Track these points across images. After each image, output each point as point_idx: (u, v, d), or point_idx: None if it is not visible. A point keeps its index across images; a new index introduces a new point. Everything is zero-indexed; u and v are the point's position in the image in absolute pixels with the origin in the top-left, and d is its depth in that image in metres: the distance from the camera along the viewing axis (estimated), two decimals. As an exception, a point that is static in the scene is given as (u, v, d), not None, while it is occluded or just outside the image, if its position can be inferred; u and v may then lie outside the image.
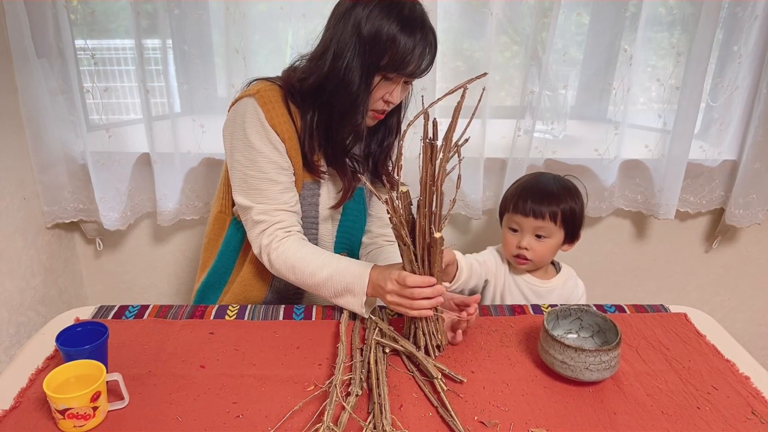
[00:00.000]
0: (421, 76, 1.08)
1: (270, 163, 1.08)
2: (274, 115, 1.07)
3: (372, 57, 1.02)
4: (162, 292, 1.83)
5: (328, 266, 1.07)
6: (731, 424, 0.85)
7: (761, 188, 1.64)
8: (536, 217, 1.22)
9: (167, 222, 1.61)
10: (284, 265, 1.10)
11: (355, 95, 1.05)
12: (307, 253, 1.10)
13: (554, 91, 1.57)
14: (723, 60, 1.58)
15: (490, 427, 0.83)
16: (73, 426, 0.80)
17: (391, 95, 1.08)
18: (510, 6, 1.48)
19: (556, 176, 1.30)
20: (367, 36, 1.00)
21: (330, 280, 1.06)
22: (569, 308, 1.03)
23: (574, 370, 0.90)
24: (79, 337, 0.91)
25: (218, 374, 0.94)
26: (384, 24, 0.99)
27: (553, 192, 1.24)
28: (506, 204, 1.29)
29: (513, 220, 1.26)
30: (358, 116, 1.07)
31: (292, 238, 1.12)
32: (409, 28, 1.00)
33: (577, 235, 1.29)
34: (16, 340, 1.49)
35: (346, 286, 1.05)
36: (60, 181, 1.57)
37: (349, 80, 1.03)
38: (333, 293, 1.07)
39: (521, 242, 1.25)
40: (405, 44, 1.00)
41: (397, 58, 1.01)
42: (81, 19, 1.45)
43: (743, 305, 1.93)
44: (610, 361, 0.90)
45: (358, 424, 0.82)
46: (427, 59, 1.05)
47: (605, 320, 0.99)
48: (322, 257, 1.09)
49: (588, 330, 1.04)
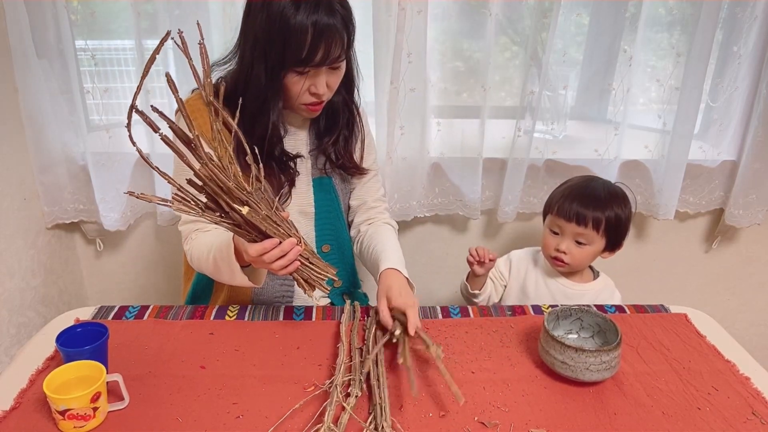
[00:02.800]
0: (338, 61, 1.01)
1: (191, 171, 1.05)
2: (200, 123, 1.05)
3: (272, 55, 0.97)
4: (162, 293, 1.83)
5: (212, 249, 1.02)
6: (731, 425, 0.85)
7: (761, 188, 1.64)
8: (579, 223, 1.22)
9: (167, 222, 1.61)
10: (195, 262, 1.08)
11: (264, 98, 1.01)
12: (202, 241, 1.07)
13: (554, 91, 1.57)
14: (723, 60, 1.58)
15: (491, 427, 0.83)
16: (73, 427, 0.80)
17: (315, 86, 1.01)
18: (510, 6, 1.48)
19: (607, 182, 1.29)
20: (262, 33, 0.96)
21: (217, 263, 1.01)
22: (569, 308, 1.03)
23: (574, 370, 0.90)
24: (79, 338, 0.91)
25: (218, 375, 0.94)
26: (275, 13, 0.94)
27: (600, 198, 1.23)
28: (551, 205, 1.29)
29: (555, 223, 1.27)
30: (268, 118, 1.04)
31: (200, 234, 1.10)
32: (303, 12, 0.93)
33: (619, 244, 1.28)
34: (17, 340, 1.49)
35: (228, 263, 0.98)
36: (60, 182, 1.57)
37: (256, 83, 1.00)
38: (228, 276, 1.01)
39: (560, 245, 1.26)
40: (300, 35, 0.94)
41: (296, 52, 0.96)
42: (81, 20, 1.45)
43: (743, 305, 1.93)
44: (610, 361, 0.90)
45: (359, 424, 0.82)
46: (336, 42, 0.97)
47: (605, 320, 0.99)
48: (209, 239, 1.05)
49: (588, 330, 1.04)
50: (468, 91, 1.58)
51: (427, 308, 1.15)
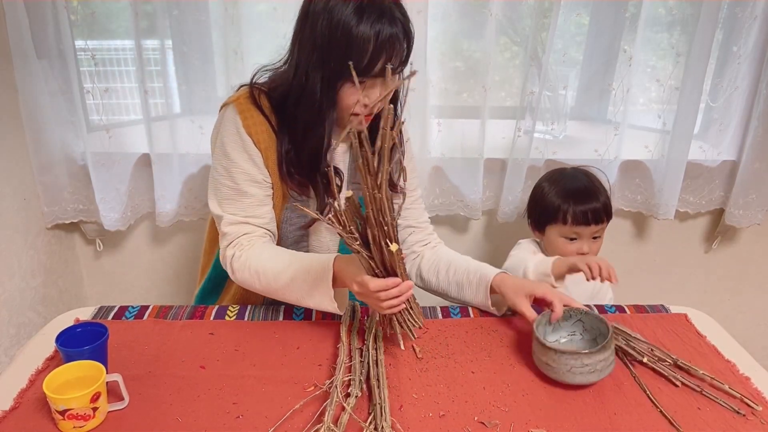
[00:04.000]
0: (397, 72, 1.00)
1: (243, 173, 1.04)
2: (251, 123, 1.03)
3: (331, 64, 0.94)
4: (162, 293, 1.83)
5: (292, 266, 1.01)
6: (731, 425, 0.85)
7: (761, 188, 1.64)
8: (597, 223, 1.27)
9: (166, 223, 1.61)
10: (248, 272, 1.04)
11: (318, 107, 0.99)
12: (271, 255, 1.04)
13: (554, 91, 1.57)
14: (722, 60, 1.58)
15: (490, 427, 0.83)
16: (72, 427, 0.80)
17: (368, 98, 0.99)
18: (510, 6, 1.48)
19: (579, 170, 1.35)
20: (322, 41, 0.93)
21: (295, 281, 1.01)
22: (569, 311, 1.02)
23: (557, 372, 0.89)
24: (79, 338, 0.91)
25: (218, 375, 0.94)
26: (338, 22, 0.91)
27: (590, 188, 1.29)
28: (553, 215, 1.30)
29: (572, 231, 1.29)
30: (323, 129, 1.01)
31: (257, 245, 1.06)
32: (367, 22, 0.91)
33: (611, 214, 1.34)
34: (16, 340, 1.49)
35: (312, 284, 1.00)
36: (60, 182, 1.57)
37: (311, 92, 0.98)
38: (300, 295, 1.02)
39: (582, 248, 1.29)
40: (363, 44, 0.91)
41: (358, 60, 0.92)
42: (81, 20, 1.45)
43: (743, 305, 1.93)
44: (594, 364, 0.88)
45: (359, 424, 0.82)
46: (397, 53, 0.96)
47: (602, 323, 0.97)
48: (286, 257, 1.04)
49: (591, 333, 1.02)
50: (468, 91, 1.58)
51: (427, 308, 1.14)
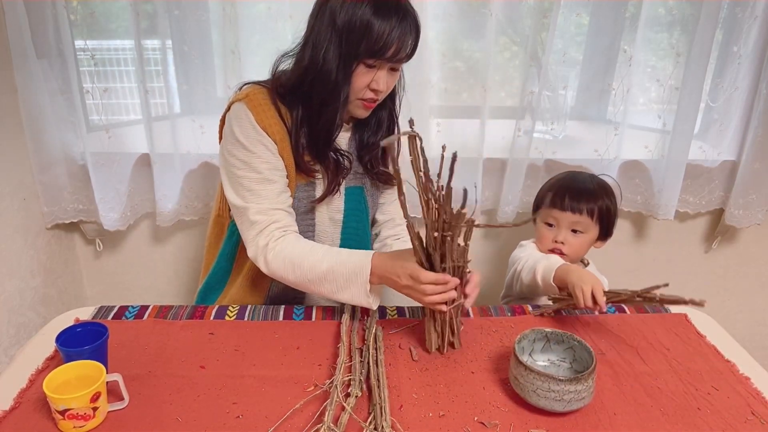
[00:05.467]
0: (404, 61, 1.07)
1: (264, 163, 1.08)
2: (264, 117, 1.07)
3: (349, 45, 1.01)
4: (162, 293, 1.83)
5: (328, 258, 1.05)
6: (731, 425, 0.85)
7: (761, 188, 1.64)
8: (574, 212, 1.25)
9: (166, 222, 1.61)
10: (282, 263, 1.07)
11: (334, 84, 1.04)
12: (305, 248, 1.09)
13: (554, 91, 1.57)
14: (722, 60, 1.58)
15: (490, 427, 0.83)
16: (72, 426, 0.80)
17: (376, 82, 1.07)
18: (510, 6, 1.48)
19: (592, 175, 1.33)
20: (342, 25, 1.00)
21: (331, 272, 1.04)
22: (563, 335, 0.95)
23: (523, 389, 0.86)
24: (79, 338, 0.91)
25: (218, 374, 0.94)
26: (357, 10, 0.99)
27: (591, 189, 1.27)
28: (542, 199, 1.31)
29: (551, 215, 1.28)
30: (338, 104, 1.07)
31: (290, 236, 1.11)
32: (384, 12, 0.99)
33: (610, 232, 1.32)
34: (16, 340, 1.49)
35: (348, 277, 1.04)
36: (60, 182, 1.57)
37: (328, 70, 1.03)
38: (335, 287, 1.05)
39: (557, 236, 1.27)
40: (380, 28, 0.99)
41: (373, 44, 1.00)
42: (81, 20, 1.45)
43: (743, 305, 1.93)
44: (562, 393, 0.83)
45: (359, 424, 0.82)
46: (408, 42, 1.03)
47: (590, 357, 0.89)
48: (321, 250, 1.08)
49: (580, 363, 0.93)
50: (468, 91, 1.58)
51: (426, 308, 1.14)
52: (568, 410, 0.85)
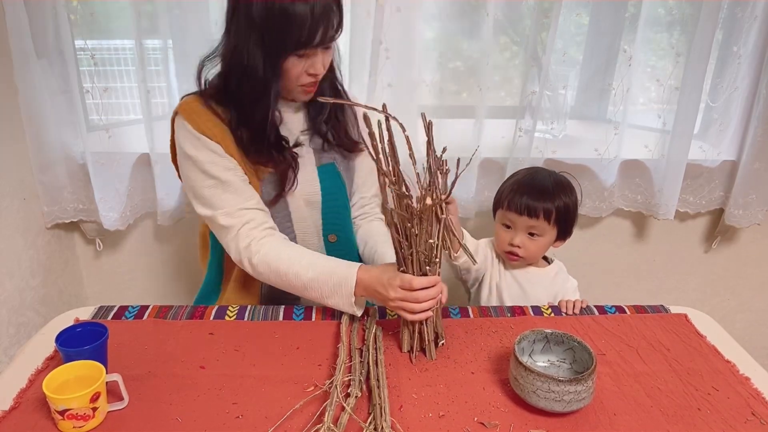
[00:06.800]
0: (336, 38, 1.05)
1: (214, 165, 1.07)
2: (200, 122, 1.07)
3: (272, 39, 0.99)
4: (162, 293, 1.83)
5: (314, 267, 1.05)
6: (731, 425, 0.85)
7: (761, 188, 1.64)
8: (530, 216, 1.22)
9: (167, 221, 1.61)
10: (267, 268, 1.08)
11: (263, 81, 1.03)
12: (292, 254, 1.08)
13: (554, 91, 1.57)
14: (722, 60, 1.58)
15: (490, 427, 0.83)
16: (72, 427, 0.80)
17: (313, 67, 1.04)
18: (510, 6, 1.48)
19: (551, 172, 1.30)
20: (259, 19, 0.97)
21: (316, 281, 1.05)
22: (563, 336, 0.96)
23: (523, 389, 0.86)
24: (79, 338, 0.91)
25: (218, 375, 0.94)
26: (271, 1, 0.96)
27: (548, 189, 1.24)
28: (500, 200, 1.29)
29: (507, 218, 1.26)
30: (269, 101, 1.05)
31: (273, 238, 1.10)
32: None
33: (569, 231, 1.29)
34: (16, 340, 1.49)
35: (332, 288, 1.04)
36: (60, 182, 1.57)
37: (253, 66, 1.01)
38: (320, 295, 1.06)
39: (514, 240, 1.24)
40: (300, 14, 0.95)
41: (298, 35, 0.98)
42: (81, 20, 1.45)
43: (743, 305, 1.93)
44: (561, 393, 0.83)
45: (359, 424, 0.82)
46: (333, 20, 1.00)
47: (590, 358, 0.88)
48: (307, 257, 1.08)
49: (580, 364, 0.93)
50: (467, 91, 1.58)
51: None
52: (568, 411, 0.85)
